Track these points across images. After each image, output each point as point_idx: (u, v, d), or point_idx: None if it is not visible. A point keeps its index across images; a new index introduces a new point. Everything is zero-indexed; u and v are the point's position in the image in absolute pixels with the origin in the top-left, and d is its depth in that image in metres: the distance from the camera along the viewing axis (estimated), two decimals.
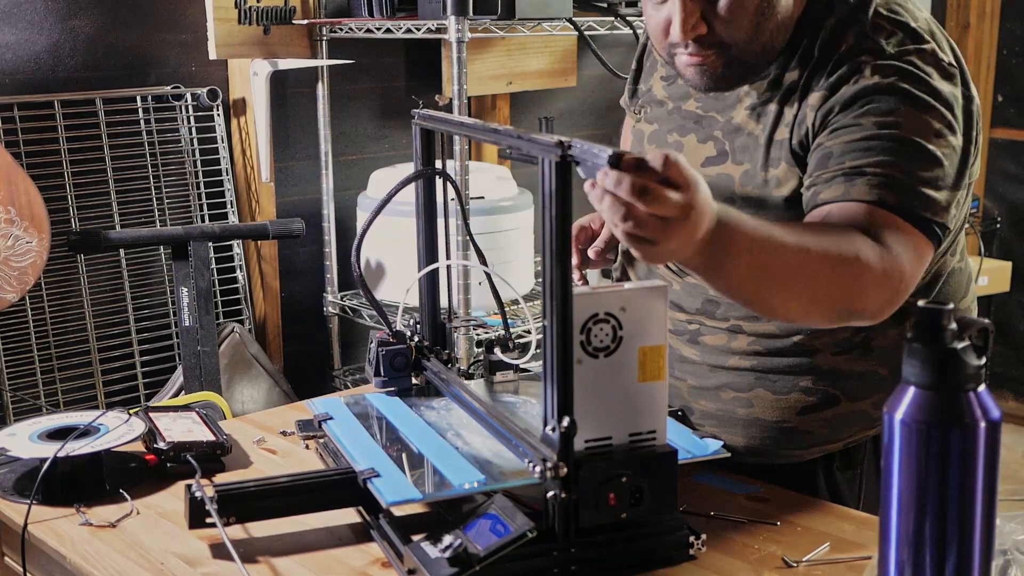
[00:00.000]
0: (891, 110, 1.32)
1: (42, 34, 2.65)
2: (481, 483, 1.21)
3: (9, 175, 2.33)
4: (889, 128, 1.31)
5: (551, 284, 1.12)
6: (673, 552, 1.25)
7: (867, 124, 1.32)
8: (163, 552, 1.31)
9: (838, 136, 1.34)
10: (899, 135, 1.31)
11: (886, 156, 1.30)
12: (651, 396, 1.19)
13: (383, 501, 1.20)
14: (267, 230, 2.74)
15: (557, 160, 1.10)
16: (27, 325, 2.63)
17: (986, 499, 0.94)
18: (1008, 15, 4.40)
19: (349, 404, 1.51)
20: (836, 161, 1.33)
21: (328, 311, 3.13)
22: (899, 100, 1.32)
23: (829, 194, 1.33)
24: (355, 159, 3.17)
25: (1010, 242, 4.39)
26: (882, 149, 1.31)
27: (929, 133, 1.32)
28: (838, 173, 1.32)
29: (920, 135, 1.32)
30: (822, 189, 1.34)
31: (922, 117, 1.32)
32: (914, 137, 1.31)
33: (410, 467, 1.27)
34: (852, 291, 1.26)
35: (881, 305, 1.30)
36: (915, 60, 1.35)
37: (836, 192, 1.32)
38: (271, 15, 2.85)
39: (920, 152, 1.31)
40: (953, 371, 0.93)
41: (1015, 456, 3.99)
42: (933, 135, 1.32)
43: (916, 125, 1.32)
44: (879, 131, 1.31)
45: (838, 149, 1.34)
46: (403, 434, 1.38)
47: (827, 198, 1.33)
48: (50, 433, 1.52)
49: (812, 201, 1.35)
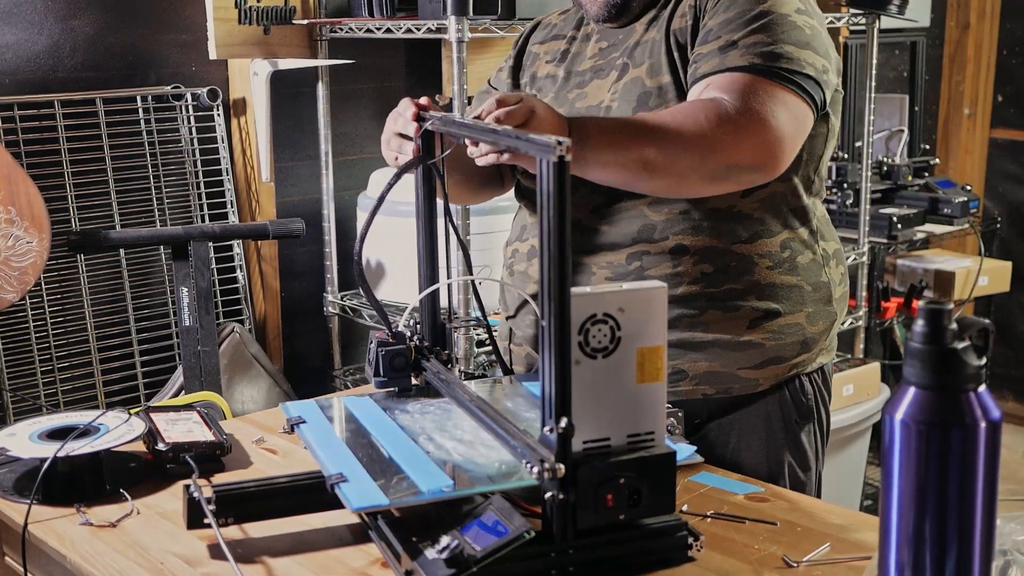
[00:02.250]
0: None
1: (42, 34, 2.65)
2: (450, 488, 1.20)
3: (9, 175, 2.33)
4: (758, 5, 1.56)
5: (549, 285, 1.12)
6: (672, 553, 1.25)
7: (740, 2, 1.57)
8: (163, 552, 1.31)
9: (715, 16, 1.59)
10: (766, 10, 1.56)
11: (755, 28, 1.55)
12: (649, 397, 1.19)
13: (349, 506, 1.19)
14: (267, 230, 2.74)
15: (555, 160, 1.10)
16: (27, 325, 2.63)
17: (986, 499, 0.94)
18: (1008, 15, 4.40)
19: (324, 407, 1.50)
20: (713, 35, 1.57)
21: (328, 311, 3.13)
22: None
23: (707, 67, 1.56)
24: (355, 159, 3.17)
25: (1010, 242, 4.39)
26: (751, 22, 1.55)
27: (791, 9, 1.58)
28: (714, 48, 1.56)
29: (784, 9, 1.57)
30: (701, 64, 1.57)
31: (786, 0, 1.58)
32: (779, 11, 1.57)
33: (379, 472, 1.26)
34: (715, 142, 1.46)
35: (755, 154, 1.50)
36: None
37: (712, 64, 1.55)
38: (271, 15, 2.85)
39: (785, 23, 1.56)
40: (953, 371, 0.93)
41: (1015, 456, 3.99)
42: (795, 11, 1.58)
43: (780, 3, 1.57)
44: (750, 8, 1.56)
45: (715, 25, 1.58)
46: (375, 438, 1.37)
47: (705, 71, 1.56)
48: (50, 433, 1.52)
49: (693, 75, 1.58)
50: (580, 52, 1.77)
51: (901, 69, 4.38)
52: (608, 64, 1.71)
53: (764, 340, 1.65)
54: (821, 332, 1.70)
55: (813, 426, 1.72)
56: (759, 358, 1.65)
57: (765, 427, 1.68)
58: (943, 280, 3.79)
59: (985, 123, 4.49)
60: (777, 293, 1.65)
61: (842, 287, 1.75)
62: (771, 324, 1.65)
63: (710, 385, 1.66)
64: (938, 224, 3.74)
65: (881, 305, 3.64)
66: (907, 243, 3.68)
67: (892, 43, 4.28)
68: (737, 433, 1.68)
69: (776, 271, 1.65)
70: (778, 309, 1.65)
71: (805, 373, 1.70)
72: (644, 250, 1.63)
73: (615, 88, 1.67)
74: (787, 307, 1.66)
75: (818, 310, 1.69)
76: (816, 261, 1.69)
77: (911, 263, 3.89)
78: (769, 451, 1.68)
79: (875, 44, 3.30)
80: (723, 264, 1.63)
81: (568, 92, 1.75)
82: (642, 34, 1.68)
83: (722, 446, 1.68)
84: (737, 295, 1.63)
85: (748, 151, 1.49)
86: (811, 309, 1.68)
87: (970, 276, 3.77)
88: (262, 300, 3.04)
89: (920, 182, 3.82)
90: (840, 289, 1.74)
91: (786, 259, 1.66)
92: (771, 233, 1.65)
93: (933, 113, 4.51)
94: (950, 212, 3.71)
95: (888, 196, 3.75)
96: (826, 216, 1.76)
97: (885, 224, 3.53)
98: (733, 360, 1.65)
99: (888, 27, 3.66)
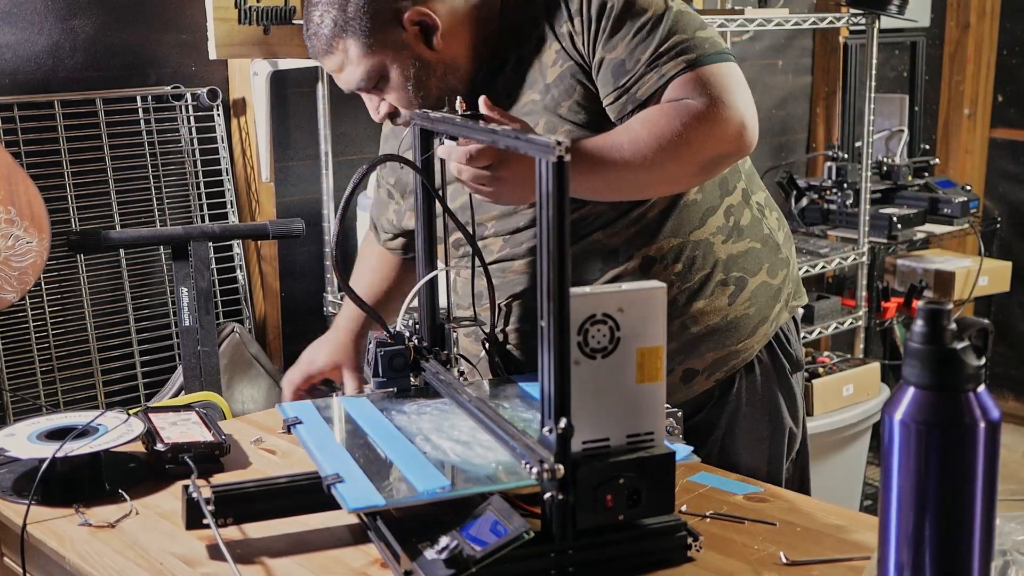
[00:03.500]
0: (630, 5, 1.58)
1: (42, 34, 2.65)
2: (446, 489, 1.20)
3: (9, 175, 2.33)
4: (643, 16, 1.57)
5: (548, 285, 1.12)
6: (671, 554, 1.25)
7: (627, 25, 1.57)
8: (162, 552, 1.31)
9: (613, 48, 1.58)
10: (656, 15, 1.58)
11: (663, 34, 1.56)
12: (649, 397, 1.19)
13: (346, 507, 1.19)
14: (267, 230, 2.73)
15: (554, 160, 1.10)
16: (27, 325, 2.63)
17: (986, 499, 0.94)
18: (1008, 15, 4.40)
19: (320, 408, 1.50)
20: (631, 63, 1.57)
21: (328, 311, 3.13)
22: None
23: (648, 87, 1.56)
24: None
25: (1010, 242, 4.39)
26: (652, 30, 1.57)
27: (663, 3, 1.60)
28: (641, 70, 1.56)
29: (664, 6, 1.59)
30: (637, 89, 1.56)
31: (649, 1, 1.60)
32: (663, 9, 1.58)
33: (376, 472, 1.26)
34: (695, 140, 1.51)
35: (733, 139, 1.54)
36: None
37: (652, 82, 1.56)
38: (271, 15, 2.84)
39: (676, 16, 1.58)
40: (953, 371, 0.93)
41: (1015, 456, 3.99)
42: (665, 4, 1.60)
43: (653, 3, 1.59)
44: (641, 22, 1.57)
45: (625, 56, 1.57)
46: (372, 439, 1.37)
47: (649, 90, 1.56)
48: (49, 433, 1.52)
49: (631, 102, 1.57)
50: None
51: (901, 69, 4.38)
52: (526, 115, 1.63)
53: (747, 310, 1.71)
54: (783, 280, 1.76)
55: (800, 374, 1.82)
56: (749, 325, 1.71)
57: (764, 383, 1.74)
58: (943, 280, 3.79)
59: (985, 123, 4.49)
60: (737, 262, 1.70)
61: (782, 231, 1.80)
62: (745, 292, 1.70)
63: (718, 370, 1.70)
64: (938, 224, 3.74)
65: (881, 305, 3.64)
66: (907, 243, 3.68)
67: (892, 43, 4.28)
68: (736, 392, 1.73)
69: (729, 242, 1.70)
70: (743, 276, 1.70)
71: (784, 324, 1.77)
72: (615, 276, 1.65)
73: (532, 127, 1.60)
74: (749, 271, 1.71)
75: (773, 261, 1.74)
76: (755, 217, 1.74)
77: (911, 263, 3.89)
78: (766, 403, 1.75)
79: (875, 44, 3.30)
80: (688, 256, 1.66)
81: None
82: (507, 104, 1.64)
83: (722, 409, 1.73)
84: (709, 279, 1.68)
85: (727, 138, 1.54)
86: (767, 263, 1.73)
87: (970, 276, 3.77)
88: (262, 300, 3.04)
89: (920, 182, 3.82)
90: (781, 234, 1.79)
91: (732, 227, 1.71)
92: (714, 208, 1.69)
93: (933, 113, 4.51)
94: (950, 212, 3.71)
95: (888, 196, 3.75)
96: (751, 168, 1.80)
97: (885, 224, 3.53)
98: (731, 338, 1.70)
99: (888, 27, 3.66)
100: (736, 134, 1.54)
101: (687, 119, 1.51)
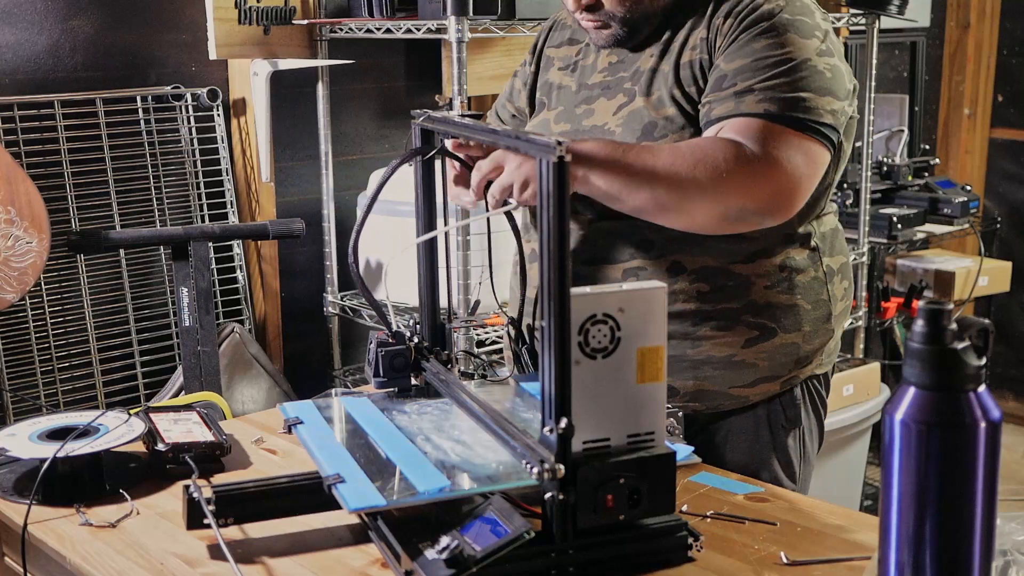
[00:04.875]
0: (778, 35, 1.54)
1: (42, 34, 2.65)
2: (447, 489, 1.20)
3: (9, 175, 2.33)
4: (776, 50, 1.53)
5: (548, 285, 1.12)
6: (672, 553, 1.25)
7: (757, 48, 1.54)
8: (163, 552, 1.31)
9: (731, 60, 1.56)
10: (785, 57, 1.53)
11: (773, 74, 1.52)
12: (649, 397, 1.19)
13: (346, 507, 1.19)
14: (267, 230, 2.73)
15: (555, 160, 1.10)
16: (27, 325, 2.63)
17: (986, 499, 0.94)
18: (1008, 15, 4.40)
19: (320, 408, 1.50)
20: (729, 81, 1.54)
21: (328, 311, 3.13)
22: (786, 26, 1.55)
23: (721, 110, 1.54)
24: (355, 159, 3.17)
25: (1010, 242, 4.39)
26: (768, 68, 1.53)
27: (812, 52, 1.55)
28: (730, 92, 1.54)
29: (805, 54, 1.54)
30: (715, 106, 1.55)
31: (806, 41, 1.55)
32: (800, 56, 1.53)
33: (377, 472, 1.26)
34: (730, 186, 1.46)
35: (768, 200, 1.49)
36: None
37: (726, 108, 1.53)
38: (271, 15, 2.84)
39: (805, 69, 1.53)
40: (953, 371, 0.93)
41: (1015, 456, 3.99)
42: (816, 54, 1.55)
43: (801, 47, 1.54)
44: (768, 53, 1.53)
45: (731, 71, 1.55)
46: (372, 439, 1.37)
47: (719, 114, 1.54)
48: (50, 433, 1.52)
49: (706, 117, 1.56)
50: (590, 64, 1.75)
51: (901, 69, 4.38)
52: (616, 83, 1.69)
53: (758, 360, 1.64)
54: (817, 349, 1.68)
55: (799, 431, 1.71)
56: (752, 377, 1.65)
57: (753, 432, 1.68)
58: (943, 280, 3.79)
59: (985, 123, 4.48)
60: (774, 312, 1.63)
61: (844, 302, 1.72)
62: (766, 344, 1.63)
63: (700, 402, 1.65)
64: (938, 224, 3.74)
65: (881, 305, 3.64)
66: (907, 243, 3.68)
67: (892, 43, 4.28)
68: (723, 435, 1.68)
69: (774, 290, 1.63)
70: (774, 328, 1.63)
71: (799, 383, 1.70)
72: (641, 266, 1.62)
73: (620, 114, 1.65)
74: (783, 326, 1.64)
75: (816, 328, 1.67)
76: (818, 279, 1.66)
77: (911, 263, 3.89)
78: (754, 455, 1.68)
79: (875, 44, 3.29)
80: (720, 283, 1.61)
81: (576, 107, 1.73)
82: (651, 63, 1.65)
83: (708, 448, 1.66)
84: (732, 314, 1.62)
85: (762, 196, 1.49)
86: (808, 328, 1.65)
87: (970, 276, 3.77)
88: (262, 300, 3.04)
89: (920, 182, 3.82)
90: (841, 304, 1.71)
91: (784, 278, 1.63)
92: (771, 253, 1.62)
93: (933, 113, 4.51)
94: (950, 212, 3.71)
95: (888, 196, 3.75)
96: (836, 229, 1.73)
97: (885, 224, 3.53)
98: (725, 379, 1.64)
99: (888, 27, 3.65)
100: (772, 194, 1.49)
101: (730, 158, 1.47)
